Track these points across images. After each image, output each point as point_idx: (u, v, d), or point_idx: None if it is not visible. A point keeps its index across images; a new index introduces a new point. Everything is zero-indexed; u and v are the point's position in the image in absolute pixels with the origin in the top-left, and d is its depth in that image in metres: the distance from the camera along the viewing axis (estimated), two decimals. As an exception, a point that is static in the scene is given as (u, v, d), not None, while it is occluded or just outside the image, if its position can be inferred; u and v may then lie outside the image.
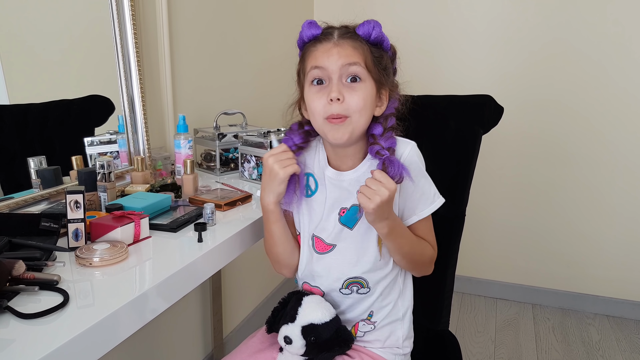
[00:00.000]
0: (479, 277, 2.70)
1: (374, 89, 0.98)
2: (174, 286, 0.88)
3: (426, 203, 1.06)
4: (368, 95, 0.97)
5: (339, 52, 0.95)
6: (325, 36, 0.98)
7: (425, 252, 1.08)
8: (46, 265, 0.84)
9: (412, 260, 1.06)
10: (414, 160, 1.02)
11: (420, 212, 1.06)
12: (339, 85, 0.95)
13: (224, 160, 1.61)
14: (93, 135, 1.33)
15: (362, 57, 0.96)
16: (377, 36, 0.97)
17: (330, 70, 0.96)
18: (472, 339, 2.31)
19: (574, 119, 2.37)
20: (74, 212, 0.91)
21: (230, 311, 2.13)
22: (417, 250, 1.06)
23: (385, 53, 1.00)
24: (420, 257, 1.08)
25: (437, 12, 2.46)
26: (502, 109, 1.28)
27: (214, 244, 1.00)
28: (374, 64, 0.98)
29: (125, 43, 1.36)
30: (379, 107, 1.02)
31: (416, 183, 1.03)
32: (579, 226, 2.49)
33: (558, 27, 2.30)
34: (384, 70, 0.99)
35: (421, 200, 1.05)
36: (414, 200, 1.05)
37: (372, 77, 0.98)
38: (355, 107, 0.95)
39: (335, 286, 1.07)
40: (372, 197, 0.91)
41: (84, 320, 0.70)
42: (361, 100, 0.95)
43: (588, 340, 2.30)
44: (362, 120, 0.97)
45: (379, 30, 0.98)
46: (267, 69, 2.24)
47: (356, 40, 0.97)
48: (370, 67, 0.97)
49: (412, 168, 1.00)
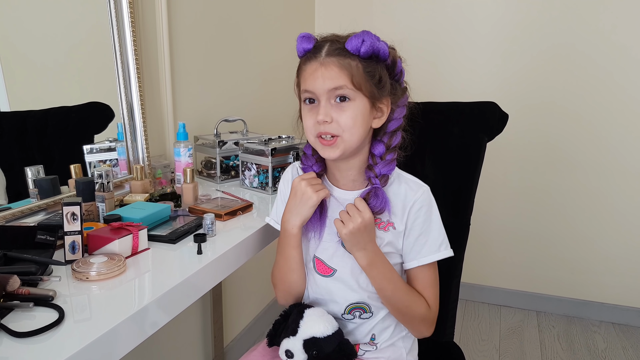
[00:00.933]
0: (483, 283, 2.67)
1: (367, 104, 0.95)
2: (174, 300, 0.86)
3: (430, 250, 1.01)
4: (358, 114, 0.94)
5: (324, 74, 0.93)
6: (314, 53, 0.95)
7: (414, 306, 1.00)
8: (42, 280, 0.82)
9: (396, 309, 1.01)
10: (424, 205, 1.00)
11: (421, 257, 1.01)
12: (326, 107, 0.94)
13: (224, 168, 1.59)
14: (92, 142, 1.32)
15: (348, 77, 0.92)
16: (367, 50, 0.92)
17: (317, 93, 0.95)
18: (476, 347, 2.28)
19: (579, 124, 2.35)
20: (71, 224, 0.89)
21: (231, 319, 2.11)
22: (404, 300, 1.00)
23: (380, 63, 0.95)
24: (407, 310, 1.00)
25: (438, 17, 2.44)
26: (507, 116, 1.26)
27: (214, 256, 0.98)
28: (366, 79, 0.93)
29: (124, 49, 1.34)
30: (378, 119, 0.99)
31: (423, 228, 1.00)
32: (584, 232, 2.46)
33: (561, 32, 2.28)
34: (379, 83, 0.95)
35: (425, 245, 1.01)
36: (419, 244, 1.01)
37: (363, 94, 0.94)
38: (344, 127, 0.94)
39: (337, 311, 1.05)
40: (347, 223, 0.93)
41: (80, 338, 0.68)
42: (350, 120, 0.94)
43: (594, 348, 2.27)
44: (353, 138, 0.96)
45: (370, 43, 0.92)
46: (269, 76, 2.23)
47: (344, 57, 0.93)
48: (359, 84, 0.93)
49: (421, 213, 1.00)
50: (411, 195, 1.00)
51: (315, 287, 1.07)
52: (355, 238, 0.94)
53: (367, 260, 0.96)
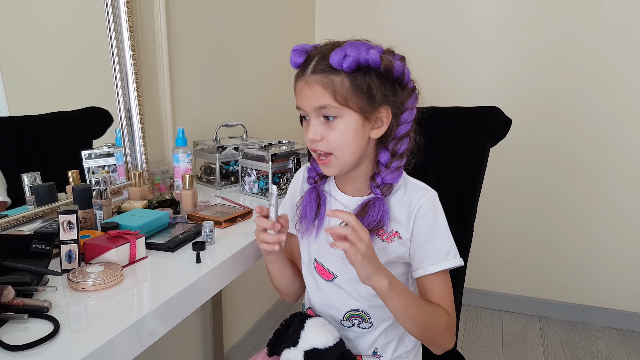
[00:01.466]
0: (485, 289, 2.65)
1: (358, 119, 0.91)
2: (173, 310, 0.84)
3: (437, 258, 0.96)
4: (348, 131, 0.91)
5: (308, 93, 0.91)
6: (303, 69, 0.93)
7: (438, 318, 0.95)
8: (37, 291, 0.80)
9: (423, 326, 0.93)
10: (429, 210, 0.96)
11: (427, 266, 0.96)
12: (315, 125, 0.93)
13: (224, 174, 1.57)
14: (91, 148, 1.30)
15: (332, 95, 0.89)
16: (350, 65, 0.87)
17: (306, 111, 0.94)
18: (479, 353, 2.26)
19: (582, 127, 2.33)
20: (67, 233, 0.88)
21: (231, 325, 2.09)
22: (428, 313, 0.93)
23: (371, 74, 0.90)
24: (434, 324, 0.94)
25: (439, 19, 2.42)
26: (510, 121, 1.25)
27: (213, 265, 0.96)
28: (354, 93, 0.89)
29: (122, 54, 1.32)
30: (377, 129, 0.94)
31: (429, 234, 0.96)
32: (587, 237, 2.44)
33: (564, 35, 2.27)
34: (370, 94, 0.90)
35: (432, 254, 0.96)
36: (424, 252, 0.97)
37: (351, 109, 0.90)
38: (334, 145, 0.92)
39: (337, 317, 1.04)
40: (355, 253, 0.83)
41: (77, 350, 0.67)
42: (339, 139, 0.91)
43: (597, 354, 2.25)
44: (346, 155, 0.93)
45: (354, 57, 0.87)
46: (269, 80, 2.21)
47: (328, 74, 0.89)
48: (345, 100, 0.89)
49: (426, 219, 0.96)
50: (416, 200, 0.97)
51: (316, 290, 1.06)
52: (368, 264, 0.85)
53: (385, 281, 0.87)
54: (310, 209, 1.02)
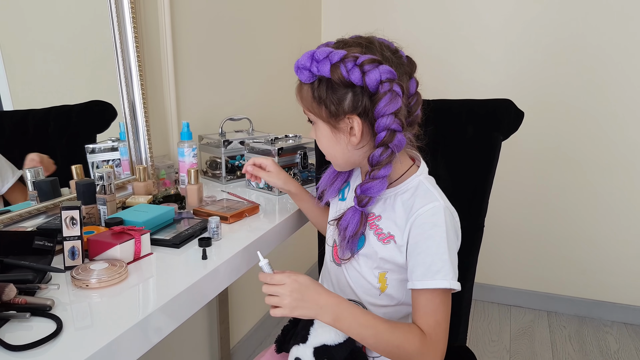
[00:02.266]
0: (492, 283, 2.63)
1: (326, 128, 0.94)
2: (178, 307, 0.82)
3: (423, 275, 0.87)
4: (323, 137, 0.95)
5: None
6: None
7: (406, 344, 0.85)
8: (39, 289, 0.78)
9: (387, 353, 0.88)
10: (427, 222, 0.89)
11: (415, 281, 0.88)
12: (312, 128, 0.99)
13: (230, 168, 1.55)
14: (95, 142, 1.28)
15: (302, 103, 0.95)
16: (304, 78, 0.91)
17: None
18: (487, 348, 2.24)
19: (591, 124, 2.30)
20: (70, 229, 0.86)
21: (237, 320, 2.07)
22: (391, 341, 0.85)
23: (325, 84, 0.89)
24: (399, 350, 0.86)
25: (447, 12, 2.39)
26: (523, 113, 1.22)
27: (219, 261, 0.94)
28: (317, 104, 0.91)
29: (125, 46, 1.30)
30: (353, 137, 0.91)
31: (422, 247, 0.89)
32: (595, 232, 2.42)
33: (576, 29, 2.23)
34: (327, 104, 0.89)
35: (421, 267, 0.88)
36: (413, 264, 0.89)
37: (319, 118, 0.93)
38: (321, 148, 0.99)
39: None
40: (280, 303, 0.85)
41: (80, 350, 0.65)
42: (319, 143, 0.98)
43: (606, 349, 2.23)
44: (332, 158, 0.99)
45: (306, 69, 0.89)
46: (275, 73, 2.18)
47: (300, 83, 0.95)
48: (312, 109, 0.93)
49: (422, 229, 0.89)
50: (417, 207, 0.90)
51: (327, 273, 1.08)
52: (302, 307, 0.84)
53: (330, 316, 0.85)
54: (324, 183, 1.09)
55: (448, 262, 0.87)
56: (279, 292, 0.85)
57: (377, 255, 0.95)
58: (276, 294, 0.85)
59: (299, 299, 0.84)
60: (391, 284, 0.96)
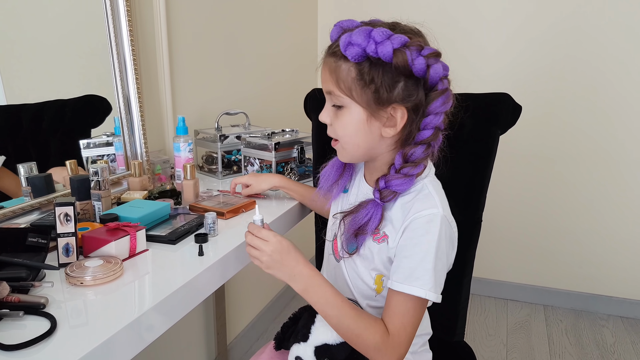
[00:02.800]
0: (489, 277, 2.63)
1: (362, 113, 0.86)
2: (175, 305, 0.81)
3: (405, 278, 0.85)
4: (349, 123, 0.87)
5: (322, 75, 0.90)
6: (329, 47, 0.90)
7: (365, 335, 0.84)
8: (33, 286, 0.77)
9: (346, 337, 0.87)
10: (420, 227, 0.86)
11: (394, 281, 0.86)
12: (327, 109, 0.91)
13: (226, 163, 1.54)
14: (89, 137, 1.27)
15: (335, 82, 0.85)
16: (355, 55, 0.81)
17: (324, 92, 0.91)
18: (484, 342, 2.24)
19: (586, 116, 2.30)
20: (64, 226, 0.85)
21: (234, 315, 2.07)
22: (352, 328, 0.85)
23: (381, 67, 0.83)
24: (358, 339, 0.85)
25: (445, 5, 2.37)
26: (521, 108, 1.21)
27: (216, 258, 0.93)
28: (359, 86, 0.83)
29: (120, 40, 1.28)
30: (390, 128, 0.87)
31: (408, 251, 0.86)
32: (591, 225, 2.42)
33: (574, 21, 2.22)
34: (377, 89, 0.83)
35: (403, 269, 0.86)
36: (399, 266, 0.87)
37: (355, 101, 0.85)
38: (339, 134, 0.91)
39: None
40: (259, 257, 0.88)
41: (75, 349, 0.64)
42: (342, 128, 0.89)
43: (602, 343, 2.23)
44: (351, 147, 0.91)
45: (359, 46, 0.80)
46: (272, 66, 2.17)
47: (338, 59, 0.84)
48: (350, 91, 0.84)
49: (412, 235, 0.86)
50: (414, 211, 0.87)
51: (327, 263, 1.07)
52: (277, 269, 0.87)
53: (300, 286, 0.86)
54: (329, 175, 1.03)
55: (431, 272, 0.84)
56: (261, 247, 0.87)
57: (373, 255, 0.93)
58: (258, 248, 0.87)
59: (277, 260, 0.86)
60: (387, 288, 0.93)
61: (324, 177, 1.04)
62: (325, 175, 1.04)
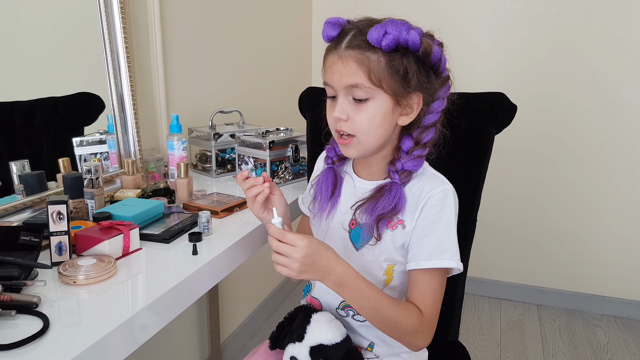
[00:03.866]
0: (483, 277, 2.63)
1: (389, 103, 0.87)
2: (168, 304, 0.81)
3: (432, 254, 0.90)
4: (377, 114, 0.88)
5: (341, 69, 0.87)
6: (336, 43, 0.88)
7: (404, 320, 0.88)
8: (25, 285, 0.76)
9: (385, 327, 0.90)
10: (437, 204, 0.90)
11: (420, 261, 0.90)
12: (343, 104, 0.89)
13: (220, 162, 1.53)
14: (82, 134, 1.26)
15: (366, 74, 0.85)
16: (389, 43, 0.83)
17: (335, 88, 0.89)
18: (477, 342, 2.25)
19: (581, 116, 2.30)
20: (57, 224, 0.84)
21: (228, 315, 2.06)
22: (391, 316, 0.87)
23: (409, 56, 0.86)
24: (397, 326, 0.88)
25: (437, 4, 2.38)
26: (516, 107, 1.21)
27: (210, 256, 0.92)
28: (389, 75, 0.85)
29: (113, 37, 1.27)
30: (406, 116, 0.91)
31: (431, 229, 0.90)
32: (585, 225, 2.43)
33: (568, 20, 2.22)
34: (405, 77, 0.86)
35: (428, 249, 0.90)
36: (421, 245, 0.91)
37: (384, 91, 0.86)
38: (360, 128, 0.89)
39: (333, 305, 1.02)
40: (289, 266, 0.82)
41: (68, 348, 0.63)
42: (366, 121, 0.88)
43: (595, 342, 2.24)
44: (370, 140, 0.90)
45: (394, 35, 0.83)
46: (266, 65, 2.16)
47: (364, 51, 0.85)
48: (379, 81, 0.85)
49: (432, 211, 0.90)
50: (427, 190, 0.91)
51: None
52: (309, 272, 0.83)
53: (334, 283, 0.85)
54: (326, 190, 1.00)
55: (455, 242, 0.91)
56: (289, 253, 0.82)
57: (387, 243, 0.94)
58: (286, 255, 0.82)
59: (309, 264, 0.82)
60: (397, 276, 0.96)
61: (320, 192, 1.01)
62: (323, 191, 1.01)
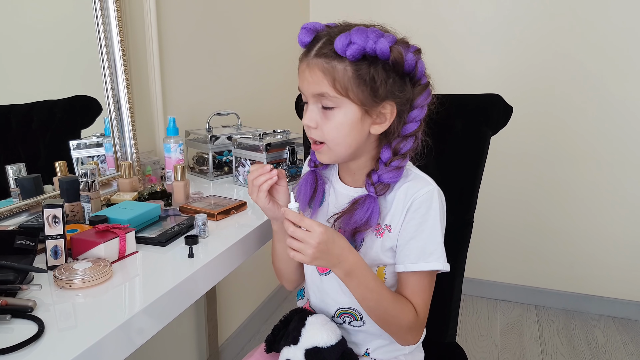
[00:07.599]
0: (481, 278, 2.63)
1: (357, 112, 0.86)
2: (165, 307, 0.81)
3: (419, 257, 0.91)
4: (344, 123, 0.87)
5: (308, 77, 0.87)
6: (308, 50, 0.88)
7: (401, 315, 0.91)
8: (20, 289, 0.76)
9: (382, 319, 0.92)
10: (422, 206, 0.91)
11: (408, 263, 0.91)
12: (312, 111, 0.89)
13: (217, 164, 1.53)
14: (79, 137, 1.26)
15: (331, 83, 0.84)
16: (354, 53, 0.81)
17: (305, 95, 0.90)
18: (476, 343, 2.25)
19: (577, 117, 2.31)
20: (53, 228, 0.84)
21: (225, 317, 2.06)
22: (390, 309, 0.90)
23: (378, 64, 0.84)
24: (394, 320, 0.91)
25: (436, 7, 2.38)
26: (512, 108, 1.22)
27: (206, 259, 0.92)
28: (356, 84, 0.83)
29: (109, 39, 1.27)
30: (378, 125, 0.89)
31: (417, 231, 0.91)
32: (583, 226, 2.43)
33: (565, 21, 2.23)
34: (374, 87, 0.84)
35: (414, 249, 0.91)
36: (408, 248, 0.92)
37: (351, 100, 0.85)
38: (328, 136, 0.89)
39: (329, 312, 1.02)
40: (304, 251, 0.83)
41: (63, 353, 0.63)
42: (333, 130, 0.88)
43: (594, 343, 2.25)
44: (340, 148, 0.90)
45: (359, 45, 0.81)
46: (263, 67, 2.16)
47: (331, 59, 0.84)
48: (346, 90, 0.84)
49: (417, 214, 0.91)
50: (412, 192, 0.91)
51: (312, 282, 1.05)
52: (322, 259, 0.84)
53: (342, 272, 0.87)
54: (305, 192, 0.99)
55: (439, 243, 0.91)
56: (305, 239, 0.82)
57: (374, 249, 0.94)
58: (301, 240, 0.83)
59: (323, 250, 0.83)
60: (390, 277, 0.97)
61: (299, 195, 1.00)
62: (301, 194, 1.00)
